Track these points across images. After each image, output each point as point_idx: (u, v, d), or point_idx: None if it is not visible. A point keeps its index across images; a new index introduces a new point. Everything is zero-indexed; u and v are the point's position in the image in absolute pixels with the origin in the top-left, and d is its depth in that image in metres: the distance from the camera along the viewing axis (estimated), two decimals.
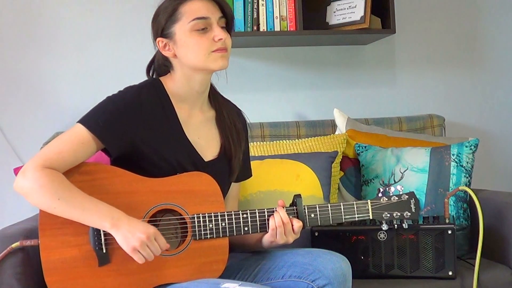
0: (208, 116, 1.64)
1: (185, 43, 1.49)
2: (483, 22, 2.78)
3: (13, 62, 2.39)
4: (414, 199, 1.60)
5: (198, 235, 1.47)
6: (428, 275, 1.79)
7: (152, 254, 1.38)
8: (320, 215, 1.54)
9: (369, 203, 1.58)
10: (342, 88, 2.66)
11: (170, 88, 1.56)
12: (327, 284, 1.41)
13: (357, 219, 1.56)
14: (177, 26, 1.50)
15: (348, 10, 2.41)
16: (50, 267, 1.39)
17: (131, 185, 1.46)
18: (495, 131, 2.79)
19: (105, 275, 1.41)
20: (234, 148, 1.62)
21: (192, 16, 1.48)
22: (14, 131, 2.39)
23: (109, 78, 2.43)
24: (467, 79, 2.77)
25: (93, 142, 1.44)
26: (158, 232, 1.39)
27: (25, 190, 1.39)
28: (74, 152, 1.42)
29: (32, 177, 1.37)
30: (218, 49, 1.50)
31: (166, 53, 1.53)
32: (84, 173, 1.45)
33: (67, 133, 1.45)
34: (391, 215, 1.57)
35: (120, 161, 1.50)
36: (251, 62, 2.57)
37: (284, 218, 1.49)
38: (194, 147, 1.57)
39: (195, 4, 1.49)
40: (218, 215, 1.48)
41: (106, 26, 2.45)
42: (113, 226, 1.36)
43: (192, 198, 1.48)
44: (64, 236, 1.40)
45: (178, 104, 1.56)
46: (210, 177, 1.51)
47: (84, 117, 1.47)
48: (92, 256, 1.40)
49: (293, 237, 1.51)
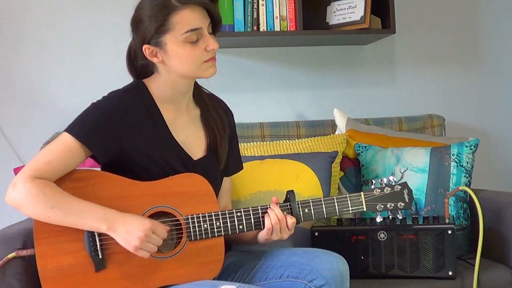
0: (193, 114, 1.63)
1: (177, 54, 1.47)
2: (483, 22, 2.78)
3: (13, 62, 2.39)
4: (407, 189, 1.60)
5: (193, 236, 1.46)
6: (428, 275, 1.79)
7: (155, 247, 1.39)
8: (314, 210, 1.54)
9: (362, 195, 1.58)
10: (342, 88, 2.66)
11: (155, 90, 1.55)
12: (324, 284, 1.41)
13: (351, 211, 1.56)
14: (168, 37, 1.46)
15: (348, 10, 2.41)
16: (47, 275, 1.39)
17: (123, 190, 1.46)
18: (495, 131, 2.79)
19: (102, 280, 1.41)
20: (220, 136, 1.61)
21: (185, 28, 1.45)
22: (14, 131, 2.39)
23: (108, 79, 2.43)
24: (467, 79, 2.77)
25: (81, 150, 1.44)
26: (154, 224, 1.39)
27: (17, 202, 1.39)
28: (63, 161, 1.42)
29: (23, 189, 1.37)
30: (210, 59, 1.50)
31: (153, 60, 1.50)
32: (75, 180, 1.45)
33: (55, 143, 1.45)
34: (384, 206, 1.57)
35: (110, 167, 1.49)
36: (251, 62, 2.57)
37: (279, 215, 1.49)
38: (182, 147, 1.56)
39: (187, 14, 1.45)
40: (212, 215, 1.48)
41: (104, 27, 2.45)
42: (109, 228, 1.37)
43: (185, 199, 1.48)
44: (60, 244, 1.40)
45: (163, 106, 1.56)
46: (202, 178, 1.51)
47: (70, 125, 1.47)
48: (89, 262, 1.40)
49: (288, 233, 1.51)
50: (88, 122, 1.46)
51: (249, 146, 2.21)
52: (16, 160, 2.36)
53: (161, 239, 1.39)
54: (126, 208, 1.43)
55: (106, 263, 1.41)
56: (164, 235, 1.40)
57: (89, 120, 1.46)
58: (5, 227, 1.64)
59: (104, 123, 1.46)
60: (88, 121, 1.46)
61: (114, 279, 1.41)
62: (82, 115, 1.48)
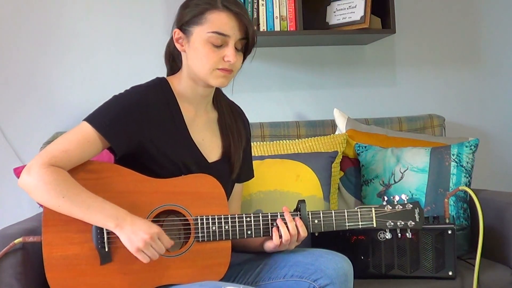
0: (211, 117, 1.64)
1: (197, 49, 1.49)
2: (483, 22, 2.78)
3: (13, 63, 2.39)
4: (419, 209, 1.57)
5: (201, 237, 1.46)
6: (428, 275, 1.79)
7: (156, 254, 1.38)
8: (323, 221, 1.53)
9: (373, 210, 1.55)
10: (342, 88, 2.66)
11: (177, 88, 1.57)
12: (328, 284, 1.41)
13: (360, 227, 1.54)
14: (197, 29, 1.48)
15: (348, 10, 2.41)
16: (51, 263, 1.39)
17: (135, 185, 1.46)
18: (495, 131, 2.79)
19: (107, 273, 1.40)
20: (234, 147, 1.62)
21: (213, 28, 1.46)
22: (14, 131, 2.39)
23: (109, 79, 2.43)
24: (467, 79, 2.77)
25: (99, 141, 1.44)
26: (161, 231, 1.39)
27: (29, 187, 1.39)
28: (80, 150, 1.42)
29: (37, 174, 1.37)
30: (224, 69, 1.50)
31: (177, 45, 1.53)
32: (89, 171, 1.45)
33: (73, 131, 1.45)
34: (395, 224, 1.55)
35: (125, 160, 1.49)
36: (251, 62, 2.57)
37: (292, 231, 1.48)
38: (199, 148, 1.57)
39: (223, 17, 1.47)
40: (222, 218, 1.48)
41: (107, 28, 2.45)
42: (116, 226, 1.36)
43: (196, 200, 1.48)
44: (67, 233, 1.40)
45: (184, 105, 1.56)
46: (214, 180, 1.51)
47: (91, 115, 1.47)
48: (94, 254, 1.40)
49: (296, 245, 1.52)
50: (109, 114, 1.46)
51: None
52: (16, 160, 2.36)
53: (164, 248, 1.39)
54: (136, 204, 1.44)
55: (112, 257, 1.41)
56: (168, 245, 1.40)
57: (110, 112, 1.46)
58: (5, 227, 1.64)
59: (125, 116, 1.46)
60: (109, 113, 1.46)
61: (118, 273, 1.41)
62: (104, 106, 1.48)
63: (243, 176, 1.71)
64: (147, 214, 1.45)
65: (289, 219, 1.49)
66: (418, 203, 1.59)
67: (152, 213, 1.45)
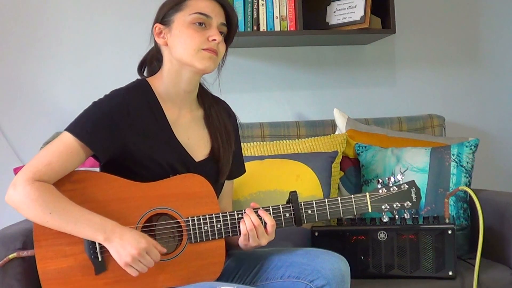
0: (196, 115, 1.61)
1: (179, 33, 1.49)
2: (483, 22, 2.78)
3: (13, 63, 2.39)
4: (415, 188, 1.56)
5: (193, 238, 1.45)
6: (428, 275, 1.79)
7: (145, 267, 1.36)
8: (317, 211, 1.52)
9: (368, 195, 1.54)
10: (342, 88, 2.66)
11: (158, 88, 1.55)
12: (325, 284, 1.40)
13: (355, 213, 1.53)
14: (177, 15, 1.50)
15: (348, 10, 2.41)
16: (47, 277, 1.38)
17: (123, 191, 1.44)
18: (495, 131, 2.79)
19: (103, 282, 1.40)
20: (223, 150, 1.59)
21: (195, 10, 1.48)
22: (14, 131, 2.39)
23: (108, 79, 2.43)
24: (467, 79, 2.77)
25: (82, 150, 1.42)
26: (150, 245, 1.37)
27: (16, 204, 1.37)
28: (63, 162, 1.40)
29: (23, 191, 1.36)
30: (209, 49, 1.48)
31: (158, 40, 1.53)
32: (74, 182, 1.43)
33: (55, 142, 1.43)
34: (391, 207, 1.54)
35: (110, 166, 1.48)
36: (251, 62, 2.57)
37: (254, 221, 1.46)
38: (185, 148, 1.55)
39: (203, 2, 1.50)
40: (213, 217, 1.47)
41: (105, 29, 2.45)
42: (105, 240, 1.35)
43: (185, 200, 1.47)
44: (59, 246, 1.39)
45: (166, 105, 1.54)
46: (202, 178, 1.49)
47: (72, 124, 1.45)
48: (88, 264, 1.39)
49: (267, 238, 1.48)
50: (89, 121, 1.44)
51: (249, 146, 2.21)
52: (16, 160, 2.36)
53: (153, 262, 1.37)
54: (125, 210, 1.42)
55: (106, 266, 1.40)
56: (157, 258, 1.38)
57: (91, 119, 1.44)
58: (5, 227, 1.64)
59: (106, 122, 1.44)
60: (89, 120, 1.44)
61: (114, 281, 1.40)
62: (83, 114, 1.46)
63: (234, 173, 1.69)
64: (137, 219, 1.43)
65: (249, 211, 1.47)
66: (414, 182, 1.57)
67: (142, 219, 1.44)
